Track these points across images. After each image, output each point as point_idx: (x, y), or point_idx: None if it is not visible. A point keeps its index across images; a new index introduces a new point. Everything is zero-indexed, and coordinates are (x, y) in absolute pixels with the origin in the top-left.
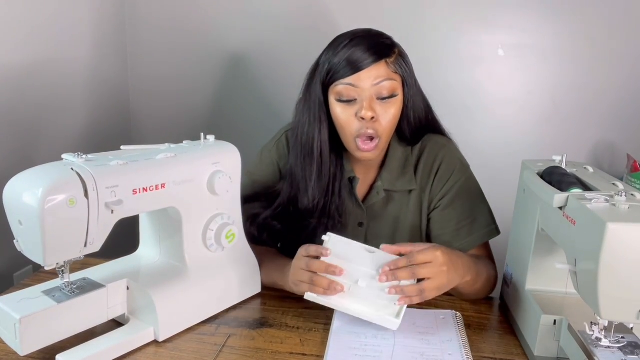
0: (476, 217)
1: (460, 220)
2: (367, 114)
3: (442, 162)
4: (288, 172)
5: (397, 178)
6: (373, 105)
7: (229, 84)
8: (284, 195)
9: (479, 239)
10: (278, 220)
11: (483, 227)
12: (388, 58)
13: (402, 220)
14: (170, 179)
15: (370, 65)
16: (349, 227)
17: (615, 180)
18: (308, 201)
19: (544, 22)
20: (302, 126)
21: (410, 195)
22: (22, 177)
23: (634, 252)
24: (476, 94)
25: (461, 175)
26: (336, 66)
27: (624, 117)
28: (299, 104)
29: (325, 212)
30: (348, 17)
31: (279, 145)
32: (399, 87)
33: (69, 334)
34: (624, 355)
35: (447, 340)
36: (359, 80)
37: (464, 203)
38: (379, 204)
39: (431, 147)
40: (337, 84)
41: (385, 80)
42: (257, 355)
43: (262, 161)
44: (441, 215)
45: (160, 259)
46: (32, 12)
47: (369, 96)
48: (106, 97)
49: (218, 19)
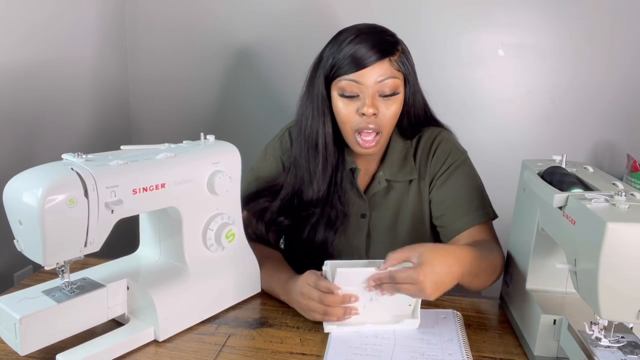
0: (473, 198)
1: (457, 198)
2: (369, 110)
3: (439, 146)
4: (292, 165)
5: (399, 169)
6: (375, 102)
7: (229, 84)
8: (288, 187)
9: (477, 219)
10: (284, 215)
11: (480, 208)
12: (392, 56)
13: (404, 209)
14: (170, 178)
15: (374, 63)
16: (352, 218)
17: (615, 180)
18: (313, 192)
19: (543, 22)
20: (305, 119)
21: (410, 184)
22: (22, 177)
23: (634, 252)
24: (476, 94)
25: (457, 157)
26: (340, 61)
27: (624, 117)
28: (302, 97)
29: (329, 202)
30: (350, 15)
31: (283, 142)
32: (401, 84)
33: (69, 333)
34: (624, 355)
35: (447, 340)
36: (362, 77)
37: (462, 182)
38: (380, 194)
39: (428, 135)
40: (341, 79)
41: (388, 78)
42: (257, 355)
43: (265, 157)
44: (438, 193)
45: (160, 259)
46: (32, 12)
47: (371, 93)
48: (106, 97)
49: (218, 19)
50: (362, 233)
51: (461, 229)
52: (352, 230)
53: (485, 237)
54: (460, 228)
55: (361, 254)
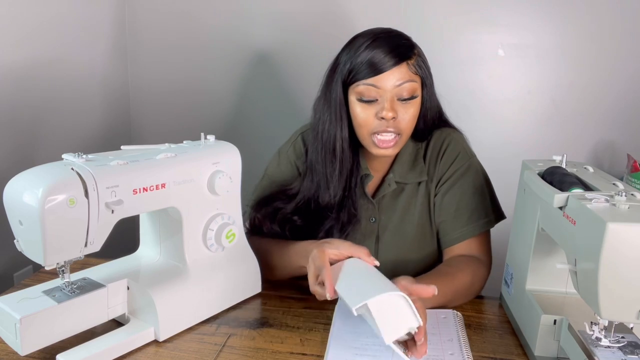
0: (475, 207)
1: (458, 207)
2: (389, 114)
3: (447, 148)
4: (308, 169)
5: (409, 171)
6: (394, 105)
7: (230, 83)
8: (304, 192)
9: (475, 230)
10: (298, 215)
11: (481, 218)
12: (409, 60)
13: (411, 211)
14: (170, 178)
15: (392, 67)
16: (362, 222)
17: (615, 180)
18: (329, 197)
19: (544, 21)
20: (322, 124)
21: (419, 186)
22: (22, 177)
23: (634, 252)
24: (476, 94)
25: (464, 161)
26: (358, 66)
27: (624, 117)
28: (318, 101)
29: (342, 207)
30: (350, 16)
31: (296, 146)
32: (418, 88)
33: (69, 333)
34: (624, 355)
35: (448, 340)
36: (380, 81)
37: (465, 191)
38: (389, 196)
39: (438, 135)
40: (359, 84)
41: (407, 82)
42: (257, 355)
43: (279, 162)
44: (441, 200)
45: (160, 259)
46: (32, 13)
47: (390, 97)
48: (107, 97)
49: (218, 18)
50: (372, 237)
51: (457, 240)
52: (362, 234)
53: (477, 251)
54: (456, 239)
55: None
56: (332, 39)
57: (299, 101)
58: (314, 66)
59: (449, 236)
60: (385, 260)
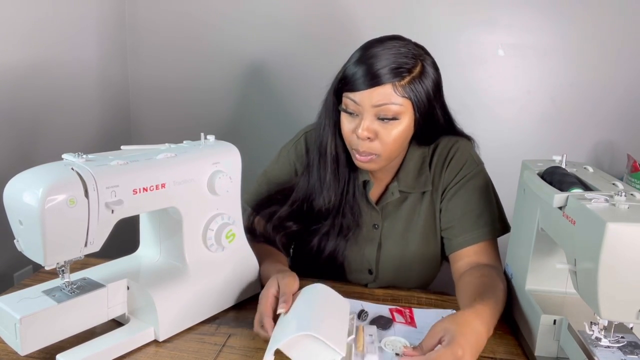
0: (483, 212)
1: (466, 211)
2: (363, 133)
3: (454, 156)
4: (305, 170)
5: (414, 180)
6: (371, 125)
7: (229, 83)
8: (299, 191)
9: (483, 236)
10: (292, 220)
11: (489, 224)
12: (398, 81)
13: (415, 219)
14: (170, 179)
15: (372, 87)
16: (364, 229)
17: (615, 180)
18: (323, 202)
19: (544, 21)
20: (321, 127)
21: (423, 195)
22: (22, 177)
23: (634, 252)
24: (476, 94)
25: (471, 169)
26: (346, 78)
27: (624, 117)
28: (322, 104)
29: (340, 212)
30: (350, 16)
31: (298, 147)
32: (405, 110)
33: (69, 333)
34: (624, 355)
35: None
36: (359, 97)
37: (473, 195)
38: (392, 204)
39: (444, 144)
40: (346, 95)
41: (388, 104)
42: (257, 355)
43: (279, 160)
44: (448, 204)
45: (160, 259)
46: (32, 12)
47: (369, 116)
48: (106, 97)
49: (217, 18)
50: (373, 243)
51: (465, 244)
52: (363, 240)
53: (487, 257)
54: (464, 243)
55: (371, 263)
56: (332, 40)
57: (299, 101)
58: (315, 66)
59: (458, 239)
60: (386, 268)
